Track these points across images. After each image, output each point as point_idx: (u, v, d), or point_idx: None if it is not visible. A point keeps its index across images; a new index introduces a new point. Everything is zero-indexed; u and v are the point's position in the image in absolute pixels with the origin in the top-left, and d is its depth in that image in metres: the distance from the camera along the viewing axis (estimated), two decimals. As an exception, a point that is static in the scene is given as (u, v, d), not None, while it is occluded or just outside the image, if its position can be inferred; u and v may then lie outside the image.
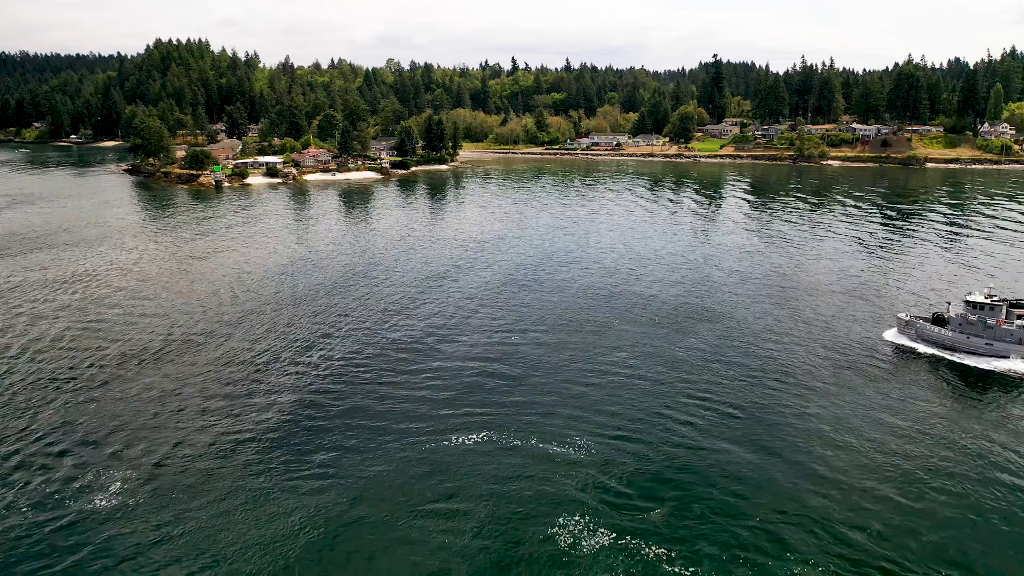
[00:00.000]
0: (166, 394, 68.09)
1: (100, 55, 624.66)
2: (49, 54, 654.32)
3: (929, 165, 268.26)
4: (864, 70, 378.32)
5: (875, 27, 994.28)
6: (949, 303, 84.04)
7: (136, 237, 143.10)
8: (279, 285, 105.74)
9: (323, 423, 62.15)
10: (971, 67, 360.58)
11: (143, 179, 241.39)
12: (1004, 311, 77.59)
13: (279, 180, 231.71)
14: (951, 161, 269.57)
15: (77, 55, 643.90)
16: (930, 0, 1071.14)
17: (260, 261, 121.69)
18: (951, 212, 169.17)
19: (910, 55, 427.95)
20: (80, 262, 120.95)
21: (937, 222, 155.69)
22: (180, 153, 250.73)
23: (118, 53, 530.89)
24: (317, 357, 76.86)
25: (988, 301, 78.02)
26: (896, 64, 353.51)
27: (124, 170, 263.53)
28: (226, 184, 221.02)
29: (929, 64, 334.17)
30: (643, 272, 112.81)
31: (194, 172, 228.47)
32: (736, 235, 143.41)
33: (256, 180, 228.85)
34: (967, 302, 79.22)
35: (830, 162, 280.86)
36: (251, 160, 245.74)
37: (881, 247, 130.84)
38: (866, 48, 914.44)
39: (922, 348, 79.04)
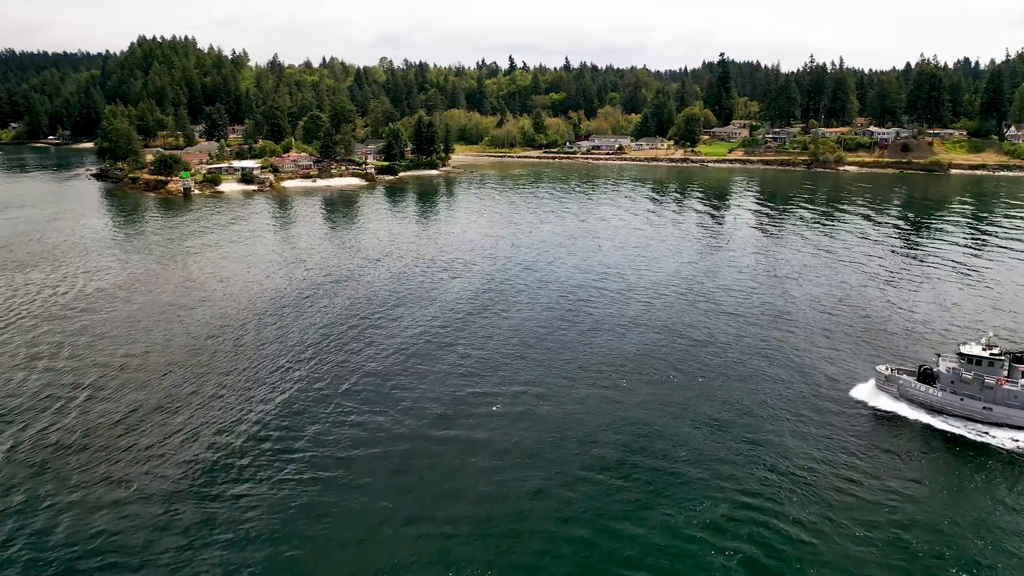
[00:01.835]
0: (61, 515, 50.57)
1: (88, 53, 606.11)
2: (36, 52, 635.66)
3: (953, 171, 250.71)
4: (870, 70, 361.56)
5: (874, 27, 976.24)
6: (939, 355, 66.42)
7: (79, 259, 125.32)
8: (236, 337, 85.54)
9: (256, 559, 45.10)
10: (986, 67, 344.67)
11: (110, 185, 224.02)
12: (1007, 367, 60.91)
13: (254, 187, 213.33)
14: (977, 167, 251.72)
15: (64, 53, 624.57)
16: (930, 1, 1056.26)
17: (215, 300, 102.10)
18: (1001, 227, 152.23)
19: (922, 54, 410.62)
20: (3, 295, 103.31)
21: (985, 240, 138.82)
22: (150, 157, 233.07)
23: (105, 51, 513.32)
24: (268, 465, 58.71)
25: (987, 354, 61.29)
26: (908, 64, 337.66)
27: (91, 175, 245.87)
28: (196, 191, 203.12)
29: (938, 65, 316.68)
30: (657, 307, 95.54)
31: (162, 178, 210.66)
32: (761, 255, 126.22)
33: (229, 187, 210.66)
34: (961, 354, 62.71)
35: (847, 168, 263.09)
36: (225, 165, 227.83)
37: (934, 272, 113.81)
38: (866, 48, 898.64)
39: (905, 411, 62.82)
